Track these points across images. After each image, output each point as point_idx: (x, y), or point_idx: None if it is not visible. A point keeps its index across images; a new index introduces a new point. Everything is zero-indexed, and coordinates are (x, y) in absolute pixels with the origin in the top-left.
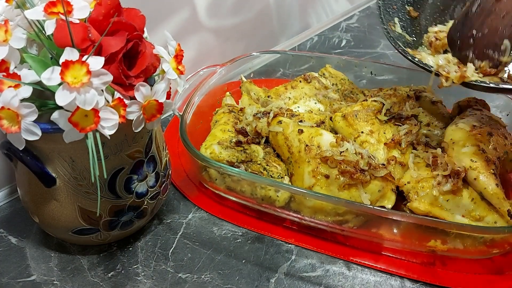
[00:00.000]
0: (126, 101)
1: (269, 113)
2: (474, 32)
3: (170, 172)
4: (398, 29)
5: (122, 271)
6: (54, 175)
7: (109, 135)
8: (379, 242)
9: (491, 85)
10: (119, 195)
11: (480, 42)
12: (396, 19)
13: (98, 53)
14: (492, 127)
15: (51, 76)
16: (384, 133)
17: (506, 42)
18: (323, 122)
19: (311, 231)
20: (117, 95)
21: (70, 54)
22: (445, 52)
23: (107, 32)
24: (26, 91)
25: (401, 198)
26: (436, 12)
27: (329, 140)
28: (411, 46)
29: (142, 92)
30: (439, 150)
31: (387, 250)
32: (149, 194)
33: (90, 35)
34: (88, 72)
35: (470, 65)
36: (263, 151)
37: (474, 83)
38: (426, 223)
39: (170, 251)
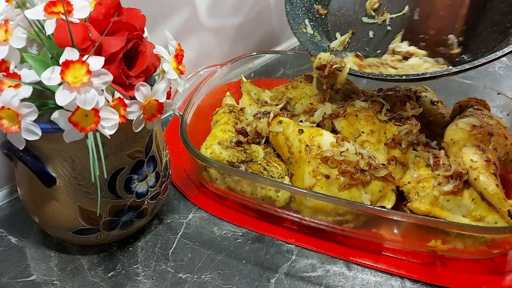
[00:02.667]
0: (126, 101)
1: (269, 113)
2: (422, 36)
3: (170, 172)
4: (310, 30)
5: (122, 271)
6: (54, 175)
7: (109, 135)
8: (379, 242)
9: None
10: (119, 195)
11: (430, 43)
12: (306, 21)
13: (98, 53)
14: (493, 127)
15: (51, 76)
16: (385, 133)
17: (452, 37)
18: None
19: (312, 231)
20: (117, 95)
21: (70, 54)
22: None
23: (107, 32)
24: (26, 91)
25: (402, 198)
26: (343, 6)
27: (330, 140)
28: (324, 45)
29: (142, 92)
30: (442, 152)
31: (387, 250)
32: (149, 194)
33: (90, 34)
34: (88, 72)
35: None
36: (263, 151)
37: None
38: (426, 223)
39: (170, 251)
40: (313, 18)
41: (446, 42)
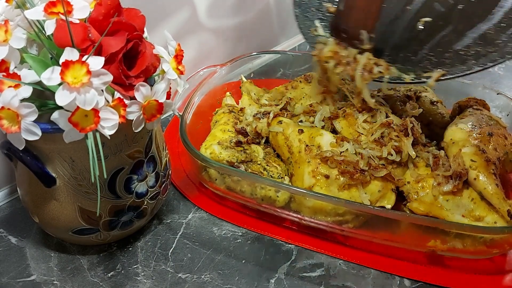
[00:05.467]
0: (126, 101)
1: (269, 113)
2: (344, 27)
3: (170, 172)
4: (321, 31)
5: (122, 271)
6: (54, 175)
7: (109, 135)
8: (379, 242)
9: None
10: (119, 195)
11: (350, 36)
12: (316, 22)
13: (98, 53)
14: (492, 127)
15: (51, 76)
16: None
17: (364, 32)
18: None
19: (311, 231)
20: (117, 95)
21: (70, 54)
22: None
23: (107, 32)
24: (26, 91)
25: (401, 198)
26: None
27: (329, 140)
28: None
29: (142, 92)
30: (442, 152)
31: (387, 250)
32: (149, 194)
33: (90, 35)
34: (88, 72)
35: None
36: (263, 151)
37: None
38: (426, 223)
39: (170, 251)
40: (324, 18)
41: (359, 37)
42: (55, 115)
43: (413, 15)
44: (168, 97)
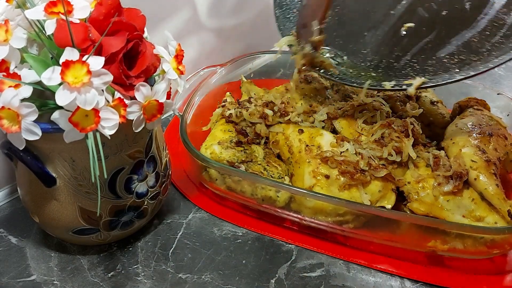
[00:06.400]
0: (127, 101)
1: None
2: (304, 21)
3: (170, 172)
4: None
5: (122, 271)
6: (54, 175)
7: (110, 135)
8: (379, 242)
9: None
10: (119, 195)
11: (307, 30)
12: None
13: (98, 53)
14: (493, 127)
15: (51, 76)
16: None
17: (314, 23)
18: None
19: (311, 231)
20: (117, 95)
21: (70, 54)
22: None
23: (108, 32)
24: (27, 91)
25: (402, 198)
26: (336, 5)
27: (330, 140)
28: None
29: (142, 92)
30: (442, 152)
31: (387, 250)
32: (149, 194)
33: (90, 35)
34: (89, 72)
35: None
36: (263, 151)
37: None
38: (426, 223)
39: (170, 251)
40: None
41: (310, 29)
42: (55, 115)
43: (396, 20)
44: (168, 97)
